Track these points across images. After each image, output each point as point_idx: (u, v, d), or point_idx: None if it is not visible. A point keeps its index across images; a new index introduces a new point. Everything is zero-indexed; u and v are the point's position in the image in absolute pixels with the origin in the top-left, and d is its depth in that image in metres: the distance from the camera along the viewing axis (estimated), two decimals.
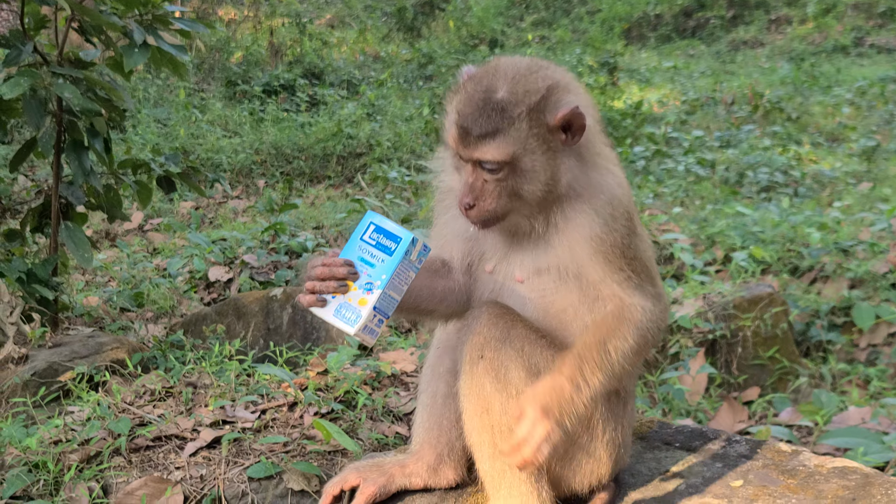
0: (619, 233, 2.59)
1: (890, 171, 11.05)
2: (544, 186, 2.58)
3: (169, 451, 3.94)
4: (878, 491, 2.37)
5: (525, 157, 2.56)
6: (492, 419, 2.56)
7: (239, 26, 19.68)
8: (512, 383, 2.53)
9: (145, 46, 5.02)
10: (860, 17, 22.19)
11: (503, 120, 2.55)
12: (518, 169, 2.57)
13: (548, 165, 2.58)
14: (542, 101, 2.58)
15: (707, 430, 2.97)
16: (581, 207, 2.62)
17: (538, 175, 2.57)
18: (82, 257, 5.26)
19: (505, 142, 2.54)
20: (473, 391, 2.57)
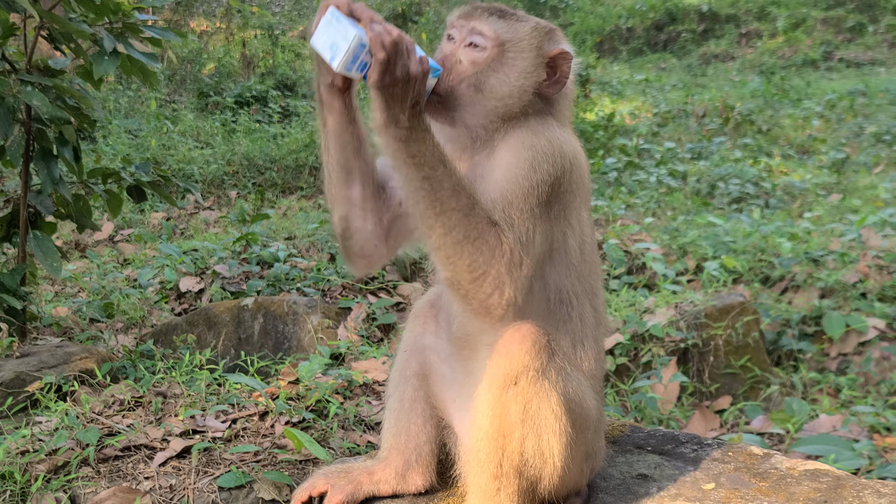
0: (534, 179, 2.51)
1: (859, 183, 11.16)
2: (507, 93, 2.61)
3: (138, 460, 3.90)
4: (849, 493, 2.38)
5: (512, 51, 2.62)
6: (506, 445, 2.49)
7: (211, 38, 19.62)
8: (541, 417, 2.47)
9: (115, 54, 4.98)
10: (829, 31, 22.44)
11: (513, 15, 2.68)
12: (499, 60, 2.62)
13: (522, 77, 2.62)
14: (548, 32, 2.70)
15: (679, 434, 2.97)
16: (521, 136, 2.59)
17: (511, 77, 2.62)
18: (51, 267, 5.21)
19: (506, 25, 2.64)
20: (496, 413, 2.49)
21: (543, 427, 2.46)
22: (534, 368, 2.44)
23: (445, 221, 2.41)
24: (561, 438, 2.48)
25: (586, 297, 2.72)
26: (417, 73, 2.40)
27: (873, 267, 6.79)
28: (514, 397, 2.45)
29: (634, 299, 6.34)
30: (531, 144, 2.56)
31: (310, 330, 5.52)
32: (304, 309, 5.65)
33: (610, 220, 9.11)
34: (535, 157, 2.53)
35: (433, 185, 2.41)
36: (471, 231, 2.40)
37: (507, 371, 2.45)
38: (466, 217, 2.40)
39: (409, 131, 2.40)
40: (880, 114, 15.05)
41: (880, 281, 6.63)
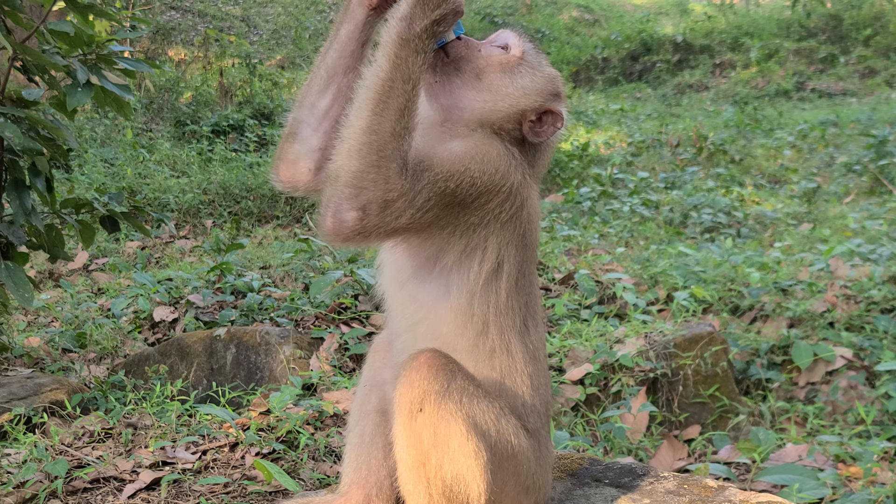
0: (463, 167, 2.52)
1: (829, 213, 11.29)
2: (499, 98, 2.68)
3: (107, 492, 3.90)
4: None
5: (524, 72, 2.71)
6: (427, 473, 2.52)
7: (189, 66, 19.65)
8: (451, 438, 2.49)
9: (89, 86, 5.01)
10: (801, 62, 22.72)
11: (545, 56, 2.82)
12: (510, 69, 2.71)
13: (519, 96, 2.70)
14: (559, 92, 2.80)
15: (636, 467, 3.00)
16: (483, 139, 2.65)
17: (510, 87, 2.70)
18: (23, 297, 5.20)
19: (536, 55, 2.76)
20: (411, 443, 2.52)
21: (456, 449, 2.49)
22: (434, 391, 2.47)
23: (372, 122, 2.41)
24: (477, 460, 2.50)
25: (516, 332, 2.74)
26: (456, 4, 2.48)
27: (841, 297, 6.88)
28: (423, 424, 2.48)
29: (605, 329, 6.39)
30: (486, 150, 2.60)
31: (282, 360, 5.53)
32: (276, 339, 5.66)
33: (582, 249, 9.18)
34: (483, 158, 2.56)
35: (391, 90, 2.42)
36: (385, 148, 2.40)
37: (411, 399, 2.48)
38: (392, 137, 2.40)
39: (414, 39, 2.44)
40: (851, 144, 15.23)
41: (848, 310, 6.71)
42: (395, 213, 2.41)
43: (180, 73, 18.73)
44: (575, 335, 6.30)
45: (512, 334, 2.72)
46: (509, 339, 2.72)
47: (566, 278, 7.36)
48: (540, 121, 2.73)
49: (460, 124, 2.70)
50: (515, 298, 2.73)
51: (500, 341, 2.71)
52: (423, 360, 2.50)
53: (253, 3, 25.64)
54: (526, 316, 2.78)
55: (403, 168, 2.41)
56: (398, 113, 2.42)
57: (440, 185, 2.47)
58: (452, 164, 2.51)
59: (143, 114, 16.15)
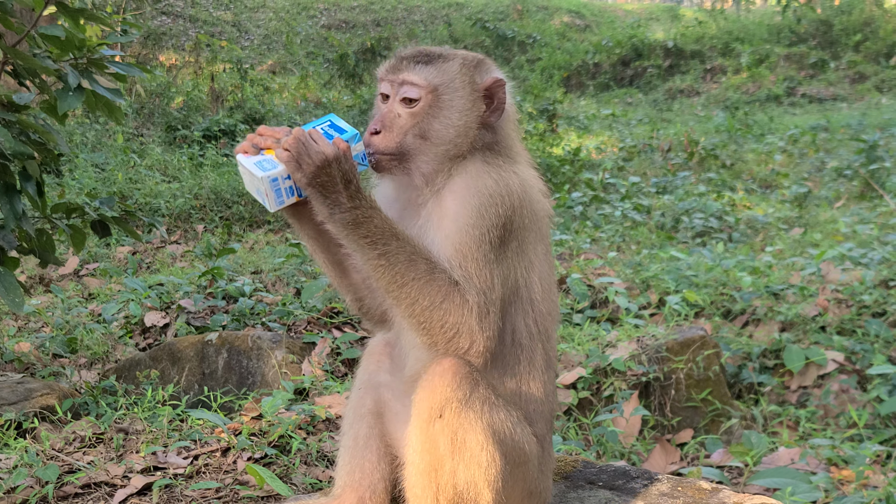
0: (487, 223, 2.57)
1: (820, 217, 11.30)
2: (454, 135, 2.67)
3: (98, 498, 3.88)
4: None
5: (447, 94, 2.67)
6: (439, 479, 2.52)
7: (180, 72, 19.64)
8: (468, 447, 2.49)
9: (80, 90, 4.99)
10: (792, 67, 22.78)
11: (439, 56, 2.73)
12: (436, 105, 2.68)
13: (464, 115, 2.69)
14: (477, 64, 2.77)
15: (630, 469, 3.00)
16: (466, 182, 2.64)
17: (452, 118, 2.68)
18: (13, 302, 5.18)
19: (435, 70, 2.70)
20: (425, 448, 2.51)
21: (472, 458, 2.49)
22: (456, 399, 2.47)
23: (409, 292, 2.48)
24: (490, 469, 2.50)
25: (539, 339, 2.76)
26: (335, 153, 2.47)
27: (832, 301, 6.89)
28: (440, 430, 2.48)
29: (597, 333, 6.39)
30: (476, 189, 2.61)
31: (274, 365, 5.52)
32: (268, 344, 5.65)
33: (574, 254, 9.18)
34: (481, 202, 2.58)
35: (390, 259, 2.47)
36: (435, 297, 2.48)
37: (431, 404, 2.48)
38: (428, 283, 2.47)
39: (354, 211, 2.48)
40: (841, 149, 15.26)
41: (839, 314, 6.72)
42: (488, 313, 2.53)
43: (171, 78, 18.71)
44: (567, 339, 6.30)
45: (537, 342, 2.75)
46: (534, 347, 2.75)
47: (558, 282, 7.36)
48: (490, 101, 2.75)
49: (439, 177, 2.70)
50: (544, 300, 2.77)
51: (523, 350, 2.74)
52: (447, 366, 2.50)
53: (244, 8, 25.64)
54: (550, 320, 2.80)
55: (456, 287, 2.50)
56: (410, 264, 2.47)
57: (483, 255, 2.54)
58: (470, 233, 2.55)
59: (134, 119, 16.12)
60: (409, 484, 2.60)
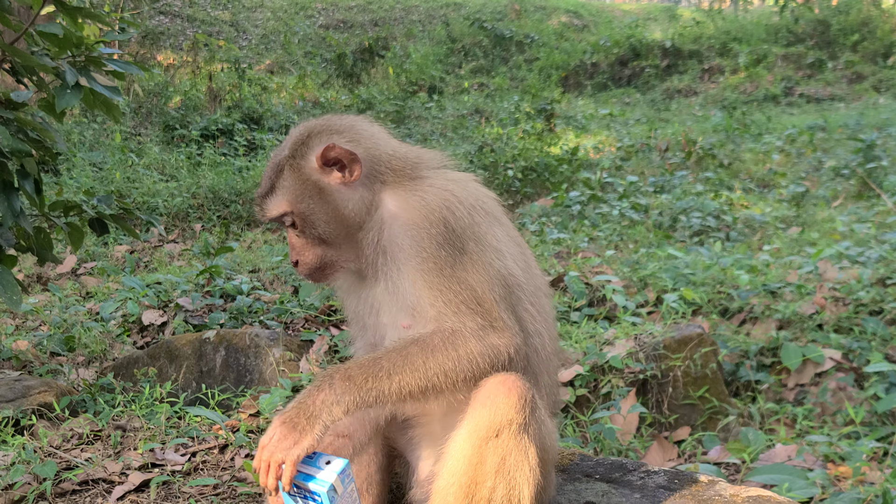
0: (433, 245, 2.55)
1: (818, 216, 11.31)
2: (337, 226, 2.70)
3: (96, 494, 3.88)
4: None
5: (302, 203, 2.70)
6: (476, 493, 2.49)
7: (178, 71, 19.62)
8: (516, 471, 2.46)
9: (77, 87, 4.99)
10: (790, 67, 22.78)
11: (275, 175, 2.74)
12: (305, 217, 2.70)
13: (330, 202, 2.70)
14: (301, 147, 2.75)
15: (627, 462, 3.00)
16: (398, 227, 2.64)
17: (327, 214, 2.70)
18: (11, 300, 5.18)
19: (277, 196, 2.72)
20: (472, 463, 2.48)
21: (517, 479, 2.46)
22: (517, 423, 2.43)
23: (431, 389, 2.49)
24: (531, 489, 2.49)
25: (542, 320, 2.75)
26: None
27: (829, 299, 6.90)
28: (493, 449, 2.45)
29: (595, 331, 6.39)
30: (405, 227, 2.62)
31: (272, 363, 5.52)
32: (266, 342, 5.65)
33: (572, 252, 9.19)
34: (414, 235, 2.59)
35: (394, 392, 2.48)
36: (447, 364, 2.48)
37: (490, 423, 2.44)
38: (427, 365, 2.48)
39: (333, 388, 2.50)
40: (839, 148, 15.27)
41: (836, 312, 6.73)
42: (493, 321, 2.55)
43: (169, 77, 18.70)
44: (565, 337, 6.30)
45: (540, 324, 2.75)
46: (539, 330, 2.76)
47: (556, 280, 7.36)
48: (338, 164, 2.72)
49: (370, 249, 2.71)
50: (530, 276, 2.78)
51: (534, 336, 2.74)
52: (511, 385, 2.46)
53: (242, 7, 25.63)
54: (542, 300, 2.80)
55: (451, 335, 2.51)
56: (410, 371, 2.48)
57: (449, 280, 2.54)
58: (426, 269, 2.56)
59: (132, 118, 16.12)
60: (440, 490, 2.57)
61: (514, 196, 13.64)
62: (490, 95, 21.14)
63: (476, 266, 2.57)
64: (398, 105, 18.39)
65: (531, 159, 14.35)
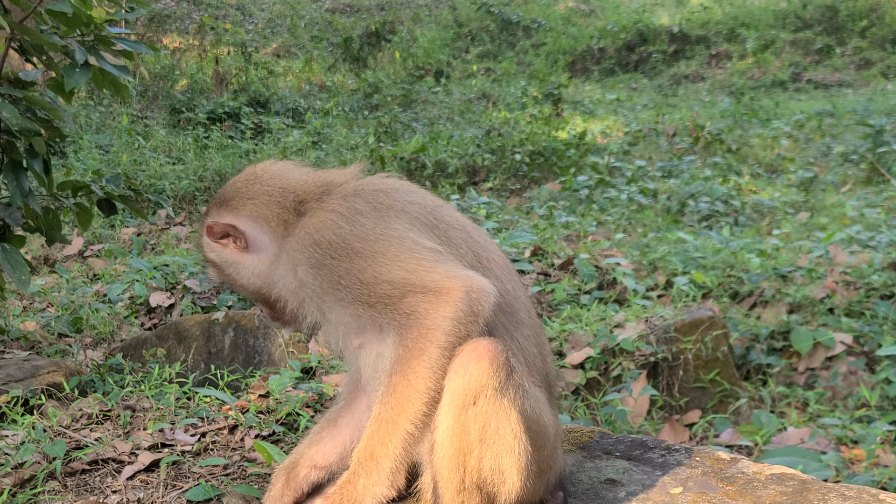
0: (318, 267, 2.60)
1: (827, 201, 11.27)
2: (249, 286, 2.89)
3: (106, 474, 3.87)
4: (814, 497, 2.40)
5: (220, 276, 2.97)
6: (467, 463, 2.46)
7: (184, 55, 19.58)
8: (500, 436, 2.44)
9: (87, 66, 4.96)
10: (798, 53, 22.70)
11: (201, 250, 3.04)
12: (232, 286, 2.97)
13: (236, 275, 2.89)
14: (201, 227, 2.95)
15: (647, 440, 2.98)
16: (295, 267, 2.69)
17: (238, 284, 2.92)
18: (19, 280, 5.15)
19: (210, 269, 3.01)
20: (456, 433, 2.45)
21: (502, 446, 2.44)
22: (492, 387, 2.40)
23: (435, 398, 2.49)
24: (521, 458, 2.45)
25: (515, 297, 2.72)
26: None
27: (840, 283, 6.86)
28: (473, 417, 2.42)
29: (605, 314, 6.36)
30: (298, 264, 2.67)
31: (280, 344, 5.50)
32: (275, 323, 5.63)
33: (581, 236, 9.16)
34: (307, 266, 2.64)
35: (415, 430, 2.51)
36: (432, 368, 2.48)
37: (465, 390, 2.41)
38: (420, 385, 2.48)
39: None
40: (847, 134, 15.22)
41: (847, 296, 6.70)
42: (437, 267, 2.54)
43: (175, 60, 18.66)
44: (574, 320, 6.28)
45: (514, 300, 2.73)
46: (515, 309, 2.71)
47: (565, 264, 7.33)
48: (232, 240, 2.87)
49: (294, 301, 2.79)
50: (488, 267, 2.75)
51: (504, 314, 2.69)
52: (482, 350, 2.42)
53: None
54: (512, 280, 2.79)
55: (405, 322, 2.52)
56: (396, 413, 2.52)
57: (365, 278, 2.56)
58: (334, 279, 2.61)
59: (138, 101, 16.09)
60: (437, 464, 2.54)
61: (522, 180, 13.60)
62: (497, 80, 21.08)
63: (375, 257, 2.55)
64: (405, 89, 18.34)
65: (539, 144, 14.31)
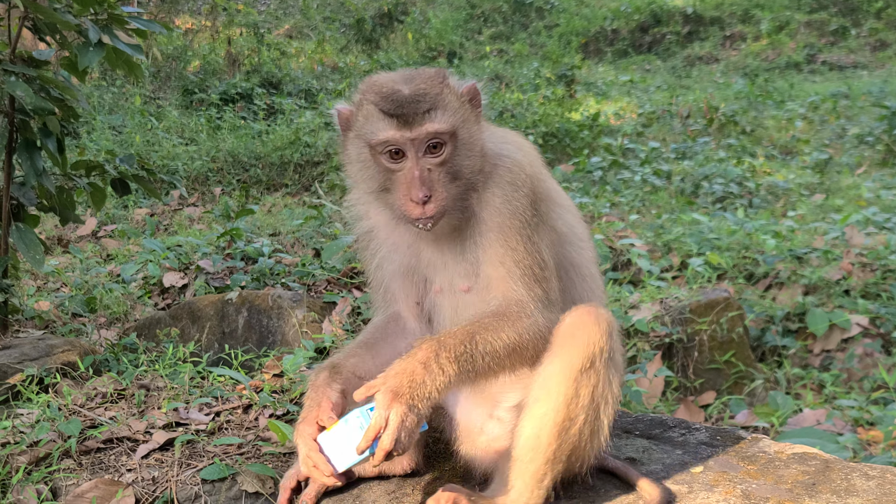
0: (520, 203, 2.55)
1: (842, 183, 11.21)
2: (479, 160, 2.59)
3: (120, 453, 3.87)
4: (837, 475, 2.38)
5: (463, 128, 2.57)
6: (570, 429, 2.43)
7: (196, 35, 19.55)
8: (604, 400, 2.42)
9: (100, 45, 4.95)
10: (812, 34, 22.54)
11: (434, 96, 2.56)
12: (458, 143, 2.56)
13: (478, 136, 2.61)
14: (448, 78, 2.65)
15: (667, 419, 2.96)
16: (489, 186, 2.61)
17: (474, 147, 2.60)
18: (34, 259, 5.17)
19: (445, 113, 2.55)
20: (567, 397, 2.40)
21: (604, 409, 2.42)
22: (607, 350, 2.41)
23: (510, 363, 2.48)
24: (611, 418, 2.47)
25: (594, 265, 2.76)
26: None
27: (857, 264, 6.82)
28: (587, 380, 2.40)
29: (620, 295, 6.34)
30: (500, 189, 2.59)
31: (294, 324, 5.50)
32: (288, 303, 5.62)
33: (595, 217, 9.12)
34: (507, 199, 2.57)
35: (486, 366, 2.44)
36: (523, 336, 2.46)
37: (584, 354, 2.39)
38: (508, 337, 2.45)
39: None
40: (863, 115, 15.12)
41: (863, 278, 6.65)
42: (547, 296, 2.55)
43: (187, 41, 18.64)
44: None
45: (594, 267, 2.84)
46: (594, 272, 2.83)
47: None
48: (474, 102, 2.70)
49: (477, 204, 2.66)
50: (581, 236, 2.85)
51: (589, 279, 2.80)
52: (599, 313, 2.43)
53: None
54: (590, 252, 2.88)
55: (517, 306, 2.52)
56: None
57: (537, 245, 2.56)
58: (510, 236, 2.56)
59: (151, 82, 16.08)
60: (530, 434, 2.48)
61: None
62: (510, 61, 21.00)
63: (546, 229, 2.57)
64: None
65: (552, 125, 14.25)
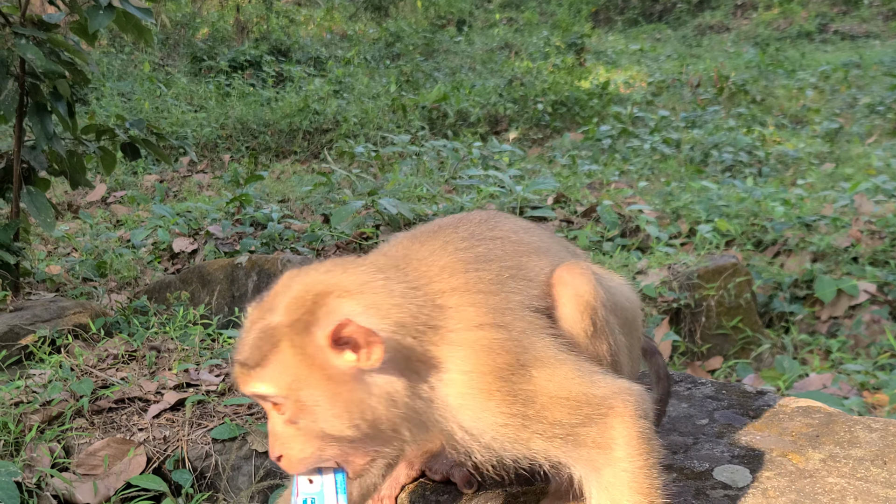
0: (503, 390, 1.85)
1: (852, 152, 11.17)
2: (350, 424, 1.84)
3: (132, 412, 3.91)
4: (841, 428, 2.40)
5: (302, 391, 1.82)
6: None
7: (205, 3, 19.50)
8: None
9: (110, 8, 4.95)
10: (825, 4, 22.38)
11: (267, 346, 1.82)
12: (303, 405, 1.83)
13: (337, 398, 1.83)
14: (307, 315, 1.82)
15: (673, 374, 2.98)
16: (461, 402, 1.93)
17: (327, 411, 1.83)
18: (45, 222, 5.19)
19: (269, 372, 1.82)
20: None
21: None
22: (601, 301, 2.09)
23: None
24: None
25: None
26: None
27: (865, 232, 6.81)
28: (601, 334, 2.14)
29: (628, 260, 6.35)
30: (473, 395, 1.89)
31: None
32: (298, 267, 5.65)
33: (604, 184, 9.12)
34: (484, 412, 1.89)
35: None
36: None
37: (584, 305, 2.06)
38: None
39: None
40: (874, 85, 15.03)
41: (872, 245, 6.65)
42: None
43: (196, 9, 18.58)
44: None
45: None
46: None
47: (588, 211, 7.31)
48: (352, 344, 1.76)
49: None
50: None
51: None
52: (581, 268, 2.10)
53: None
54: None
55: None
56: None
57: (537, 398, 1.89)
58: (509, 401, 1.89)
59: (160, 49, 16.06)
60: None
61: (544, 130, 13.53)
62: (519, 30, 20.89)
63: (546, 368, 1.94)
64: (426, 38, 18.23)
65: (561, 93, 14.21)
